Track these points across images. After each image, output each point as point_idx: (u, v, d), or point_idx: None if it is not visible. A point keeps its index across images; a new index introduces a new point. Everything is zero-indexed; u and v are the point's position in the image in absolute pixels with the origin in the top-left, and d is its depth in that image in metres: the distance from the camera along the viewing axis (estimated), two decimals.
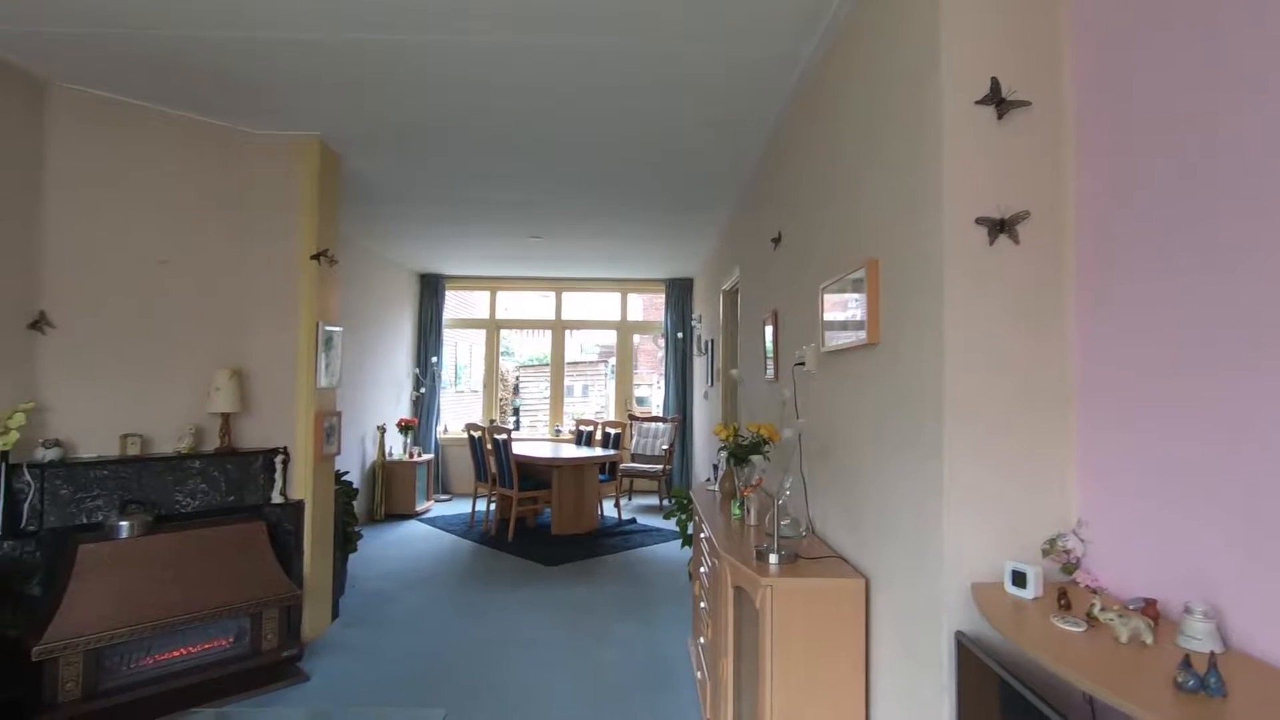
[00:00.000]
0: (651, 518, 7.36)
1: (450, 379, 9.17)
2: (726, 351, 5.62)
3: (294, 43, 2.82)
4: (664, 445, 8.10)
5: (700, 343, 7.49)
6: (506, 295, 9.24)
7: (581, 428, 7.96)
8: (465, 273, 8.65)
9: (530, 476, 6.57)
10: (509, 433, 6.44)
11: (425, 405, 8.40)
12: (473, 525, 6.85)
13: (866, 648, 2.09)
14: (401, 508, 7.34)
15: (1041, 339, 1.62)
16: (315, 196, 3.87)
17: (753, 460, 2.83)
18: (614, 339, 9.26)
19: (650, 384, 9.63)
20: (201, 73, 3.10)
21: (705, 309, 7.26)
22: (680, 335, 8.57)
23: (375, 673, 3.47)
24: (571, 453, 6.88)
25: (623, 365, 9.16)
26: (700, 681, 3.13)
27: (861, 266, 2.14)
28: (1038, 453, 1.62)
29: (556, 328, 9.15)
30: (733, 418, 5.26)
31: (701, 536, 3.25)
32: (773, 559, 2.20)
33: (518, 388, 9.50)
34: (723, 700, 2.51)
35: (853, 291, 2.23)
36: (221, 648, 3.26)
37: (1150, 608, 1.26)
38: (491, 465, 6.56)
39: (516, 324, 9.34)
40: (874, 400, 2.09)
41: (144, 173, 3.46)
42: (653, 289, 9.03)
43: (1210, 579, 1.21)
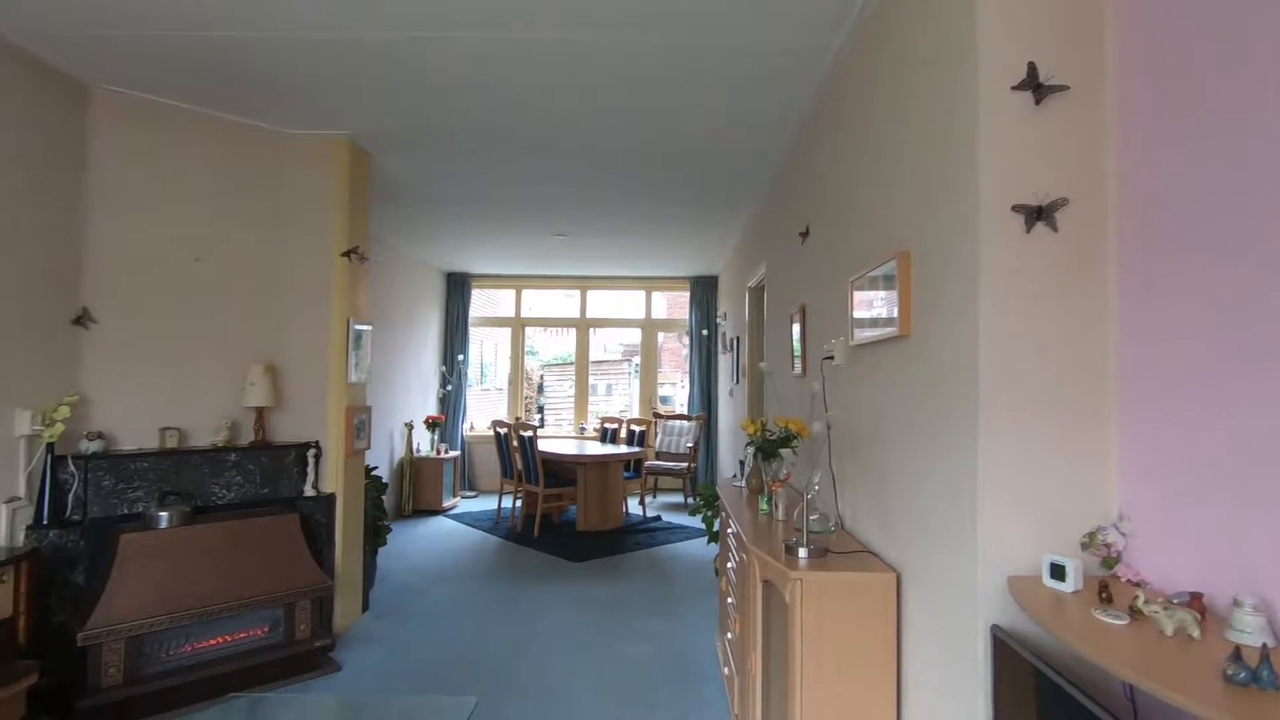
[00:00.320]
0: (676, 515, 7.35)
1: (476, 377, 9.25)
2: (752, 348, 5.59)
3: (325, 44, 2.86)
4: (688, 443, 8.08)
5: (725, 340, 7.47)
6: (531, 294, 9.29)
7: (606, 425, 7.98)
8: (491, 271, 8.72)
9: (555, 473, 6.60)
10: (535, 429, 6.48)
11: (452, 402, 8.48)
12: (499, 521, 6.90)
13: (898, 642, 2.07)
14: (429, 503, 7.42)
15: (1081, 329, 1.59)
16: (346, 195, 3.93)
17: (782, 454, 2.82)
18: (638, 337, 9.26)
19: (674, 383, 9.62)
20: (236, 74, 3.16)
21: (730, 306, 7.23)
22: (705, 332, 8.54)
23: (406, 663, 3.51)
24: (596, 450, 6.90)
25: (647, 363, 9.16)
26: (727, 677, 3.12)
27: (892, 258, 2.11)
28: (1076, 445, 1.59)
29: (581, 326, 9.18)
30: (759, 414, 5.23)
31: (729, 532, 3.24)
32: (802, 553, 2.18)
33: (542, 386, 9.55)
34: (751, 695, 2.50)
35: (883, 284, 2.21)
36: (257, 637, 3.33)
37: (1196, 601, 1.23)
38: (517, 462, 6.60)
39: (541, 322, 9.39)
40: (905, 393, 2.07)
41: (181, 172, 3.55)
42: (677, 287, 9.02)
43: (1259, 573, 1.18)
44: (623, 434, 7.86)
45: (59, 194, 3.15)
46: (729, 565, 3.21)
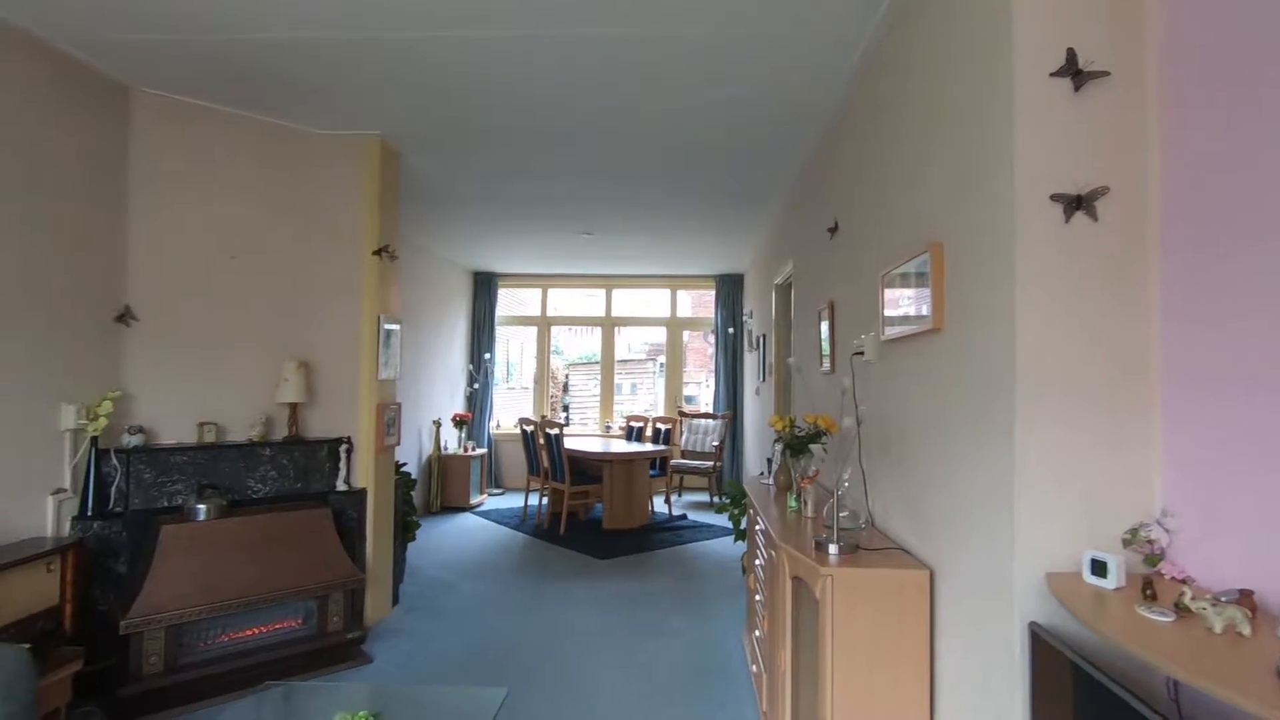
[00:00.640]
0: (702, 514, 7.33)
1: (502, 376, 9.32)
2: (779, 346, 5.55)
3: (354, 43, 2.90)
4: (714, 442, 8.06)
5: (751, 338, 7.43)
6: (557, 293, 9.34)
7: (632, 423, 7.99)
8: (517, 270, 8.78)
9: (581, 471, 6.62)
10: (561, 427, 6.51)
11: (478, 401, 8.56)
12: (525, 518, 6.95)
13: (931, 639, 2.04)
14: (456, 500, 7.49)
15: (1122, 319, 1.55)
16: (376, 193, 3.99)
17: (812, 449, 2.79)
18: (663, 336, 9.25)
19: (699, 382, 9.59)
20: (269, 75, 3.22)
21: (756, 304, 7.19)
22: (731, 330, 8.51)
23: (435, 657, 3.55)
24: (622, 448, 6.91)
25: (672, 362, 9.15)
26: (755, 675, 3.10)
27: (925, 251, 2.08)
28: (1117, 439, 1.55)
29: (606, 325, 9.20)
30: (786, 412, 5.19)
31: (757, 529, 3.22)
32: (832, 549, 2.16)
33: (567, 385, 9.59)
34: (780, 692, 2.48)
35: (915, 277, 2.18)
36: (290, 628, 3.39)
37: (1246, 598, 1.19)
38: (544, 459, 6.64)
39: (567, 321, 9.43)
40: (938, 387, 2.04)
41: (217, 172, 3.63)
42: (703, 285, 8.99)
43: None
44: (648, 432, 7.86)
45: (102, 195, 3.24)
46: (757, 562, 3.20)
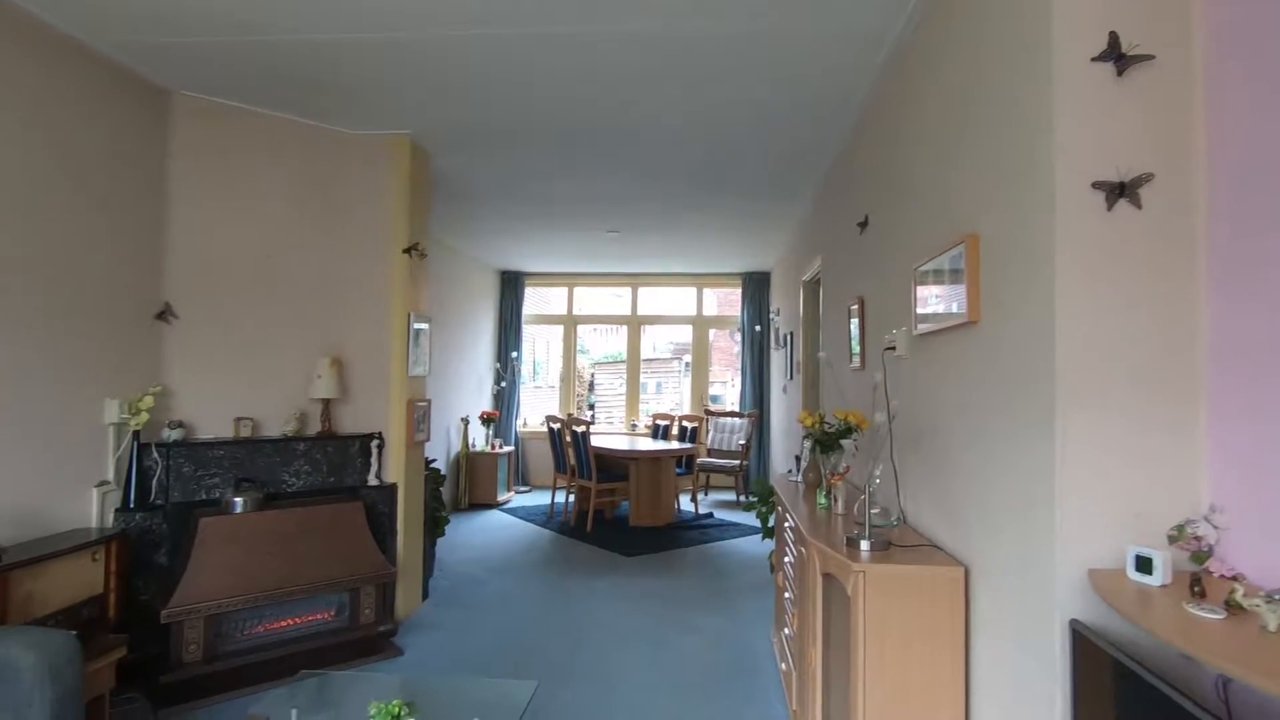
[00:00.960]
0: (729, 512, 7.30)
1: (529, 374, 9.38)
2: (807, 344, 5.51)
3: (385, 43, 2.94)
4: (741, 440, 8.02)
5: (778, 336, 7.38)
6: (583, 291, 9.37)
7: (658, 422, 7.99)
8: (544, 269, 8.83)
9: (608, 469, 6.64)
10: (588, 425, 6.53)
11: (506, 399, 8.62)
12: (552, 515, 6.98)
13: (966, 638, 2.01)
14: (484, 497, 7.56)
15: (1168, 309, 1.51)
16: (406, 193, 4.04)
17: (843, 445, 2.76)
18: (689, 335, 9.23)
19: (725, 381, 9.55)
20: (305, 76, 3.28)
21: (783, 302, 7.14)
22: (758, 328, 8.46)
23: (465, 650, 3.59)
24: (649, 446, 6.91)
25: (698, 360, 9.13)
26: (785, 673, 3.08)
27: (960, 243, 2.05)
28: (1162, 432, 1.51)
29: (632, 323, 9.20)
30: (815, 409, 5.15)
31: (786, 526, 3.20)
32: (864, 545, 2.13)
33: (592, 384, 9.61)
34: (810, 690, 2.46)
35: (950, 270, 2.14)
36: (324, 620, 3.45)
37: None
38: (570, 457, 6.66)
39: (593, 320, 9.45)
40: (974, 381, 2.00)
41: (252, 173, 3.70)
42: (729, 283, 8.96)
43: None
44: (674, 430, 7.85)
45: (143, 195, 3.33)
46: (786, 560, 3.17)
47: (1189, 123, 1.51)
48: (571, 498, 6.85)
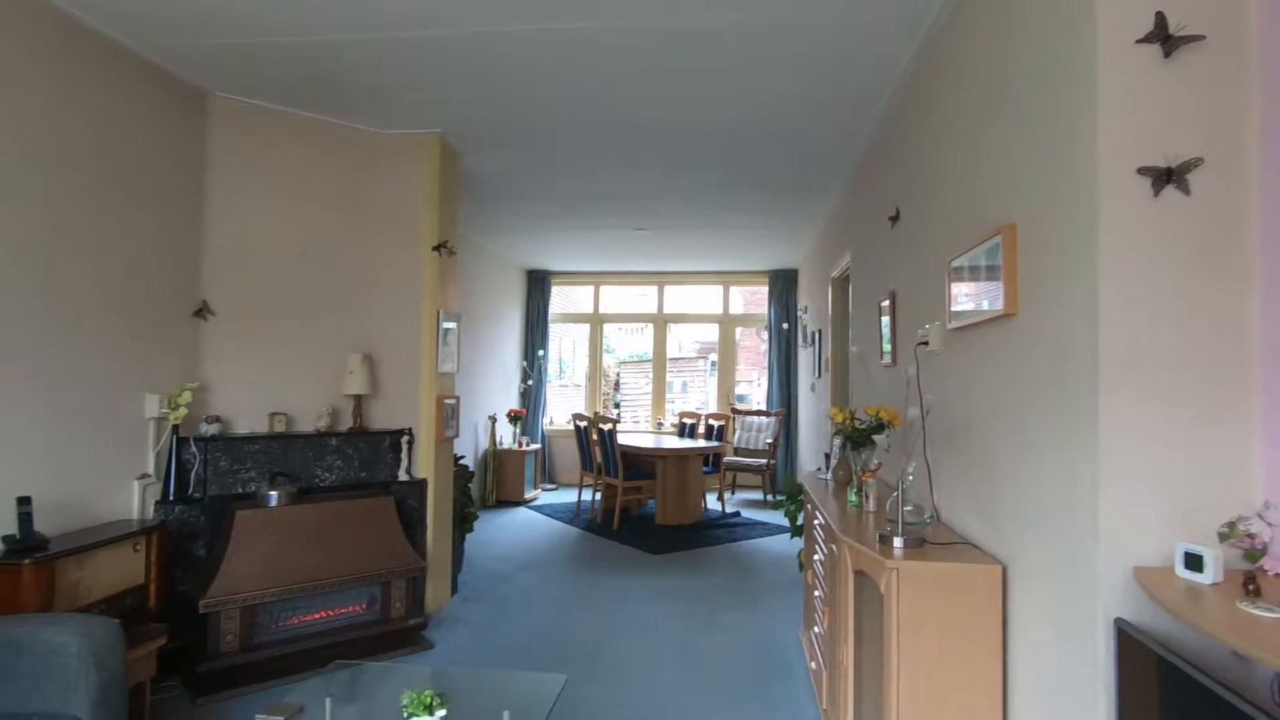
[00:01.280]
0: (756, 511, 7.26)
1: (555, 372, 9.42)
2: (835, 341, 5.44)
3: (415, 41, 2.96)
4: (768, 439, 7.96)
5: (806, 333, 7.31)
6: (609, 290, 9.38)
7: (684, 420, 7.97)
8: (570, 268, 8.87)
9: (634, 467, 6.64)
10: (614, 422, 6.54)
11: (532, 397, 8.67)
12: (579, 513, 7.00)
13: (1003, 638, 1.96)
14: (511, 494, 7.61)
15: (1217, 297, 1.46)
16: (436, 191, 4.08)
17: (875, 440, 2.72)
18: (715, 334, 9.19)
19: (751, 380, 9.48)
20: (336, 76, 3.32)
21: (811, 299, 7.08)
22: (785, 326, 8.39)
23: (494, 644, 3.61)
24: (675, 444, 6.90)
25: (725, 359, 9.09)
26: (814, 672, 3.04)
27: (996, 234, 2.00)
28: (1210, 426, 1.46)
29: (658, 321, 9.19)
30: (845, 406, 5.09)
31: (815, 524, 3.16)
32: (897, 542, 2.10)
33: (618, 383, 9.62)
34: (841, 689, 2.43)
35: (985, 261, 2.10)
36: (355, 613, 3.50)
37: None
38: (597, 455, 6.68)
39: (619, 318, 9.46)
40: (1012, 375, 1.95)
41: (287, 173, 3.77)
42: (755, 281, 8.90)
43: None
44: (701, 429, 7.82)
45: (182, 195, 3.40)
46: (816, 558, 3.14)
47: (1241, 105, 1.46)
48: (598, 495, 6.86)
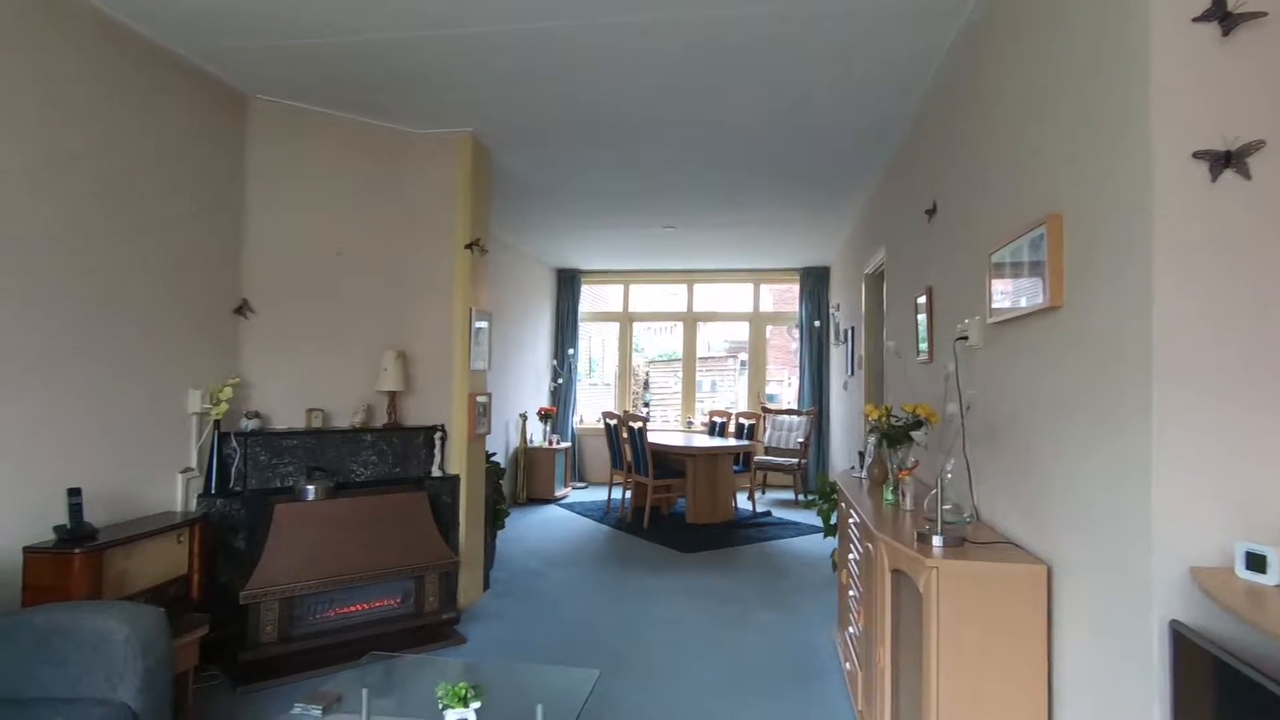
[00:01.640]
0: (787, 511, 7.19)
1: (584, 371, 9.45)
2: (869, 338, 5.36)
3: (450, 39, 2.99)
4: (799, 439, 7.88)
5: (838, 331, 7.22)
6: (639, 288, 9.38)
7: (715, 419, 7.92)
8: (600, 267, 8.88)
9: (664, 465, 6.62)
10: (644, 421, 6.53)
11: (562, 395, 8.71)
12: (608, 511, 7.01)
13: (1048, 640, 1.90)
14: (541, 492, 7.65)
15: (1277, 287, 1.39)
16: (469, 189, 4.12)
17: (913, 437, 2.67)
18: (745, 332, 9.13)
19: (781, 380, 9.39)
20: (371, 76, 3.37)
21: (844, 296, 6.98)
22: (817, 323, 8.30)
23: (526, 639, 3.63)
24: (705, 442, 6.86)
25: (754, 359, 9.02)
26: (849, 673, 3.00)
27: (1040, 224, 1.94)
28: (1272, 420, 1.39)
29: (688, 320, 9.17)
30: (879, 404, 5.01)
31: (850, 522, 3.11)
32: (936, 541, 2.05)
33: (647, 383, 9.62)
34: (878, 690, 2.38)
35: (1029, 252, 2.04)
36: (390, 606, 3.54)
37: None
38: (627, 453, 6.68)
39: (649, 317, 9.45)
40: (1057, 369, 1.89)
41: (324, 173, 3.84)
42: (786, 279, 8.82)
43: None
44: (731, 428, 7.78)
45: (224, 196, 3.48)
46: (850, 557, 3.09)
47: None
48: (628, 494, 6.86)
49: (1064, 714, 1.84)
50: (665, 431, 8.47)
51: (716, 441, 7.02)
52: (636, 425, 6.47)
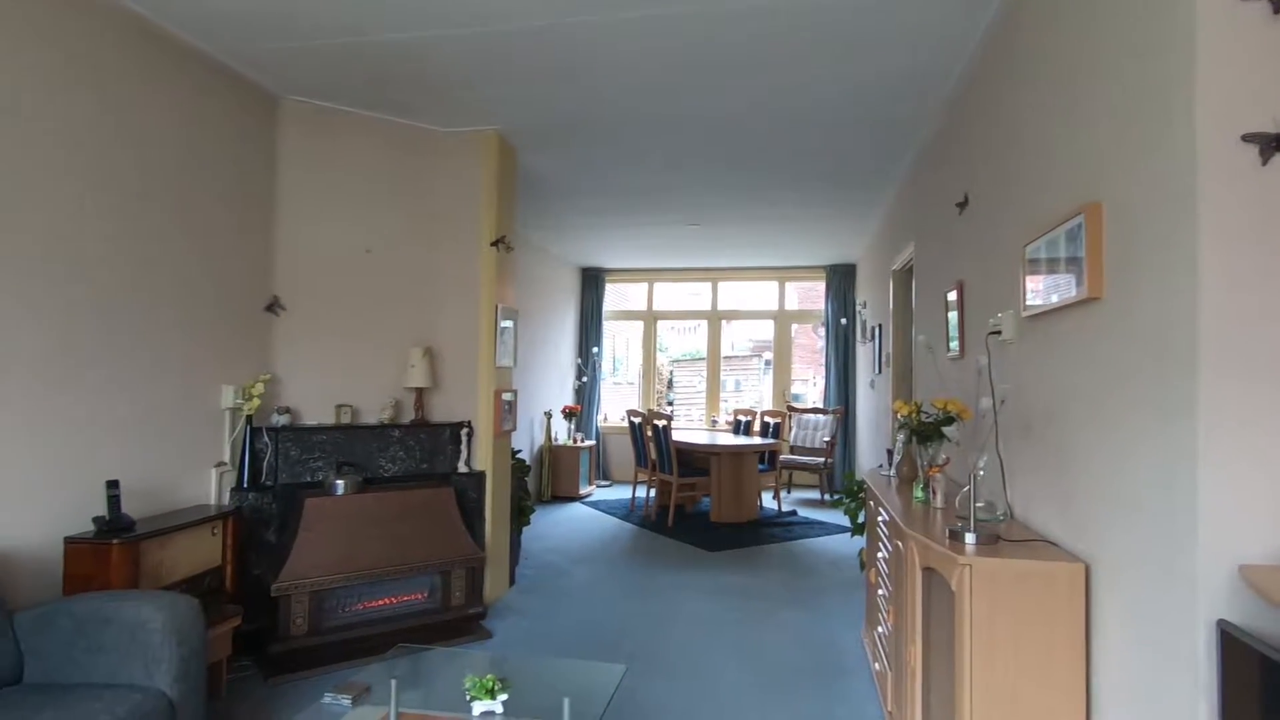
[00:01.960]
0: (813, 510, 7.13)
1: (609, 370, 9.46)
2: (898, 335, 5.29)
3: (476, 36, 3.00)
4: (825, 438, 7.81)
5: (865, 329, 7.13)
6: (663, 287, 9.36)
7: (740, 417, 7.88)
8: (624, 265, 8.88)
9: (689, 463, 6.60)
10: (669, 419, 6.51)
11: (587, 394, 8.73)
12: (633, 509, 7.01)
13: (1086, 640, 1.85)
14: (566, 490, 7.68)
15: None
16: (494, 186, 4.14)
17: (945, 432, 2.62)
18: (769, 331, 9.07)
19: (806, 379, 9.31)
20: (399, 75, 3.40)
21: (871, 293, 6.90)
22: (843, 321, 8.21)
23: (551, 635, 3.64)
24: (730, 440, 6.82)
25: (780, 356, 8.95)
26: (878, 673, 2.95)
27: (1078, 214, 1.89)
28: None
29: (713, 318, 9.13)
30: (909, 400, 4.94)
31: (879, 521, 3.07)
32: (969, 538, 2.01)
33: (671, 382, 9.59)
34: (908, 690, 2.34)
35: (1065, 243, 1.98)
36: (417, 601, 3.57)
37: None
38: (651, 451, 6.66)
39: (673, 315, 9.43)
40: (1096, 362, 1.84)
41: (352, 172, 3.88)
42: (812, 276, 8.74)
43: None
44: (756, 426, 7.73)
45: (255, 195, 3.54)
46: (879, 556, 3.05)
47: None
48: (652, 492, 6.85)
49: (1103, 716, 1.79)
50: (689, 430, 8.44)
51: (741, 440, 6.97)
52: (661, 423, 6.46)
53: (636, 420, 6.92)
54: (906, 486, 3.13)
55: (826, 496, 7.63)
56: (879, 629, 3.00)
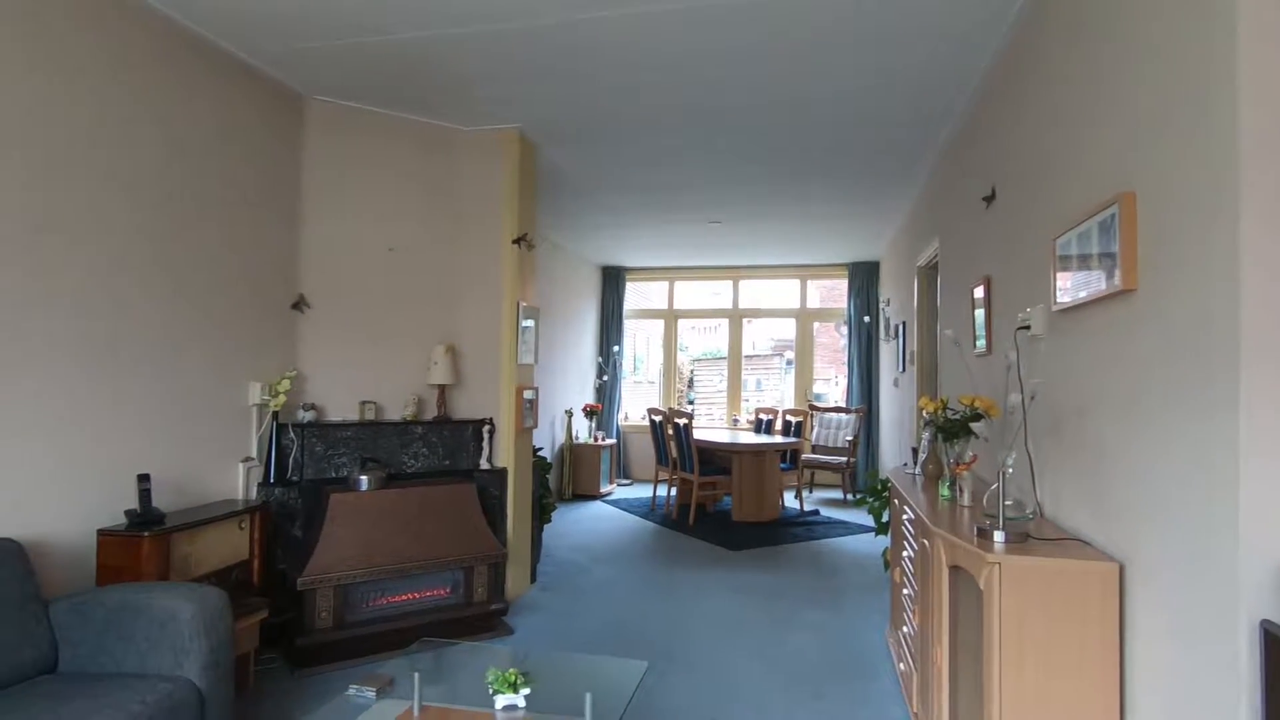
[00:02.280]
0: (835, 510, 7.06)
1: (629, 368, 9.46)
2: (922, 332, 5.22)
3: (497, 34, 3.01)
4: (847, 437, 7.73)
5: (889, 327, 7.05)
6: (684, 285, 9.34)
7: (761, 416, 7.83)
8: (644, 264, 8.88)
9: (710, 462, 6.57)
10: (690, 417, 6.49)
11: (607, 392, 8.73)
12: (654, 508, 7.00)
13: (1120, 640, 1.81)
14: (586, 488, 7.68)
15: None
16: (516, 184, 4.15)
17: (973, 428, 2.58)
18: (791, 330, 9.00)
19: (828, 378, 9.23)
20: (421, 74, 3.42)
21: (895, 290, 6.82)
22: (866, 319, 8.12)
23: (573, 632, 3.64)
24: (752, 439, 6.79)
25: (801, 356, 8.88)
26: (903, 673, 2.91)
27: (1111, 204, 1.85)
28: None
29: (734, 316, 9.09)
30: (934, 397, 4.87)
31: (904, 519, 3.03)
32: (998, 536, 1.97)
33: (692, 381, 9.56)
34: (935, 691, 2.31)
35: (1098, 234, 1.94)
36: (440, 596, 3.59)
37: None
38: (672, 449, 6.65)
39: (694, 314, 9.40)
40: (1131, 356, 1.80)
41: (376, 171, 3.92)
42: (834, 274, 8.66)
43: None
44: (778, 425, 7.67)
45: (282, 194, 3.59)
46: (904, 555, 3.00)
47: None
48: (673, 491, 6.83)
49: (1138, 717, 1.75)
50: (710, 428, 8.41)
51: (763, 438, 6.93)
52: (682, 421, 6.44)
53: (657, 419, 6.91)
54: (932, 484, 3.08)
55: (849, 496, 7.55)
56: (904, 629, 2.96)
